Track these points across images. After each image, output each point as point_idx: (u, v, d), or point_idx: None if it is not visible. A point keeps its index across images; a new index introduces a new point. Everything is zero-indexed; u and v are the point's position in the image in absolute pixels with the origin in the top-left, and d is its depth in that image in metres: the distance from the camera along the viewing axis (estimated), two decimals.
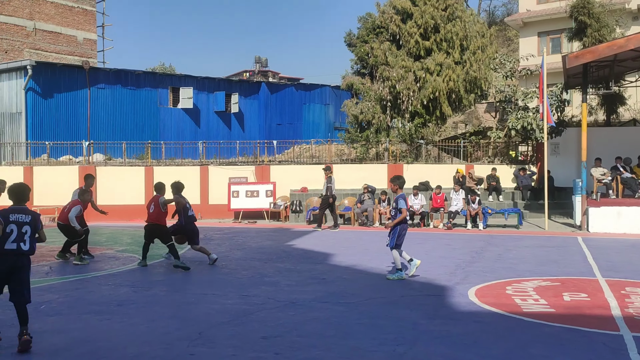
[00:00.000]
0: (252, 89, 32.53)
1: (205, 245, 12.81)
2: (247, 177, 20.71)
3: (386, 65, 22.20)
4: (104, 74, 27.35)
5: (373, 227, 16.90)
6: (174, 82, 29.75)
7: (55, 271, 9.45)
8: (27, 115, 24.50)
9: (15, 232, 5.25)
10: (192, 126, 29.83)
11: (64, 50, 37.11)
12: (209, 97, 30.45)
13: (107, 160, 22.93)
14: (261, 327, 5.86)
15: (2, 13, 35.12)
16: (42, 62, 26.16)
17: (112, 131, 26.63)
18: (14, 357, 4.92)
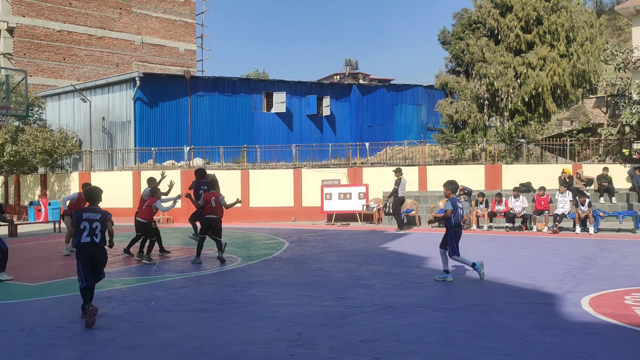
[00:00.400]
0: (343, 91, 32.69)
1: (300, 246, 13.02)
2: (340, 179, 20.79)
3: (483, 62, 21.38)
4: (202, 82, 28.68)
5: (470, 230, 16.31)
6: (268, 87, 30.58)
7: (161, 270, 9.97)
8: (136, 124, 26.25)
9: (88, 228, 6.23)
10: (285, 130, 30.49)
11: (167, 61, 39.46)
12: (301, 100, 30.98)
13: (205, 164, 24.01)
14: (359, 331, 5.78)
15: (114, 30, 38.01)
16: (148, 74, 27.91)
17: (210, 136, 27.86)
18: (129, 350, 5.21)
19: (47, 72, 35.01)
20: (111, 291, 7.99)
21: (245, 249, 12.84)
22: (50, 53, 35.20)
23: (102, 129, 27.75)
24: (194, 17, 41.55)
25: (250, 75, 51.14)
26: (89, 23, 36.69)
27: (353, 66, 49.64)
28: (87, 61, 36.61)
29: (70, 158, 26.47)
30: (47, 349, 5.24)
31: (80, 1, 36.37)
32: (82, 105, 28.60)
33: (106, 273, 9.50)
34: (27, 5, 34.27)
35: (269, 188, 20.96)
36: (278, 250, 12.36)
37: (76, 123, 28.80)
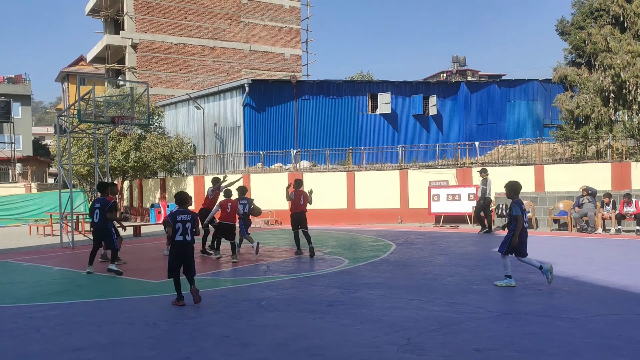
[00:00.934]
0: (451, 89, 31.77)
1: (408, 249, 12.78)
2: (448, 180, 20.19)
3: (607, 52, 19.73)
4: (308, 86, 29.26)
5: (595, 233, 15.08)
6: (372, 88, 30.51)
7: (271, 270, 10.24)
8: (245, 128, 27.38)
9: (181, 228, 7.17)
10: (391, 131, 30.23)
11: (274, 67, 40.78)
12: (406, 101, 30.56)
13: (312, 166, 24.44)
14: (473, 338, 5.51)
15: (225, 40, 40.01)
16: (257, 80, 29.00)
17: (316, 139, 28.33)
18: (243, 347, 5.37)
19: (165, 83, 37.65)
20: (224, 290, 8.33)
21: (352, 250, 12.85)
22: (168, 65, 37.81)
23: (214, 135, 29.27)
24: (299, 23, 42.61)
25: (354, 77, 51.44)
26: (202, 35, 38.93)
27: (461, 63, 48.09)
28: (201, 71, 38.86)
29: (186, 163, 28.23)
30: (169, 342, 5.54)
31: (195, 15, 38.72)
32: (196, 112, 30.38)
33: (219, 273, 9.98)
34: (148, 22, 37.11)
35: (374, 190, 20.87)
36: (385, 253, 12.23)
37: (191, 129, 30.65)
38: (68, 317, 6.76)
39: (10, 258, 12.90)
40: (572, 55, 22.70)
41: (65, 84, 53.39)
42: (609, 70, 19.46)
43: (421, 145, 24.78)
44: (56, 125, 20.26)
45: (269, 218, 21.28)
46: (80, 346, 5.48)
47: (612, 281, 8.26)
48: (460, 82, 33.09)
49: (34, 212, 25.45)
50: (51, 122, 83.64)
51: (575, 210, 15.76)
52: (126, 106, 15.42)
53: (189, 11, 38.54)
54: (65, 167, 16.43)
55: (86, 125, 18.38)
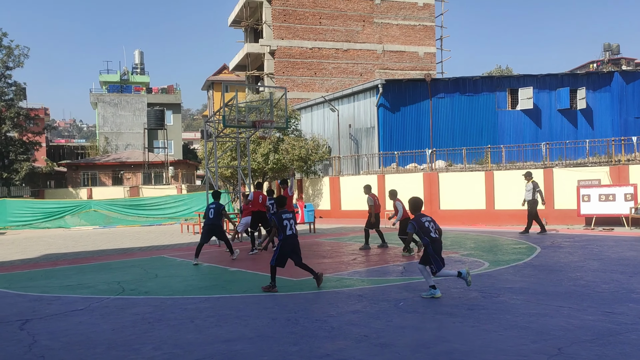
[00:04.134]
0: (602, 80, 29.07)
1: (554, 252, 11.90)
2: (600, 179, 18.47)
3: None
4: (443, 84, 28.57)
5: None
6: (512, 83, 28.96)
7: (408, 271, 10.15)
8: (379, 129, 27.47)
9: (289, 225, 8.44)
10: (532, 127, 28.44)
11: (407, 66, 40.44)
12: (550, 95, 28.55)
13: (448, 166, 23.80)
14: (634, 352, 4.98)
15: (358, 41, 40.55)
16: (390, 80, 28.98)
17: (452, 138, 27.56)
18: (382, 347, 5.39)
19: (301, 87, 39.11)
20: (362, 289, 8.42)
21: (492, 253, 12.29)
22: (304, 69, 39.23)
23: (348, 136, 29.76)
24: (433, 20, 41.79)
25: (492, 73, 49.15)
26: (335, 38, 39.82)
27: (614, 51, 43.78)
28: (335, 73, 39.75)
29: (321, 164, 29.04)
30: (310, 339, 5.74)
31: (329, 19, 39.74)
32: (330, 114, 31.13)
33: (356, 272, 10.11)
34: (285, 29, 38.84)
35: (515, 189, 19.75)
36: (529, 256, 11.52)
37: (326, 131, 31.48)
38: (217, 309, 7.29)
39: (166, 253, 14.24)
40: None
41: (210, 92, 57.83)
42: None
43: (568, 142, 22.97)
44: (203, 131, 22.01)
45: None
46: (229, 337, 5.89)
47: None
48: (613, 72, 30.11)
49: (185, 212, 27.80)
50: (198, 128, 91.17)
51: None
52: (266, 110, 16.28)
53: (323, 15, 39.64)
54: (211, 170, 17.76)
55: (230, 130, 19.72)
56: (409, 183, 21.92)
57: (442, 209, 21.23)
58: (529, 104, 27.83)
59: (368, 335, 5.80)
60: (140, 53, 63.15)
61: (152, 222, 27.60)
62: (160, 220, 28.52)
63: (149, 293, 8.67)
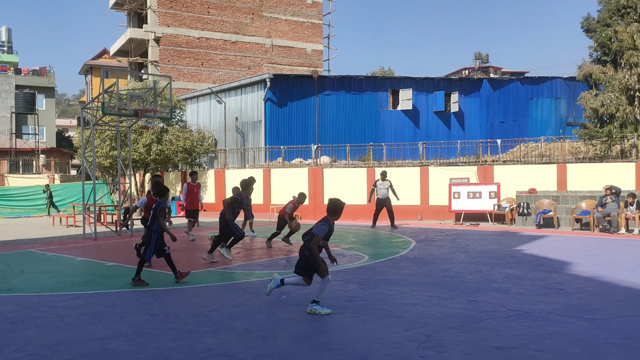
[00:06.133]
0: (473, 86, 31.49)
1: (427, 246, 12.74)
2: (469, 177, 20.03)
3: (634, 50, 19.39)
4: (329, 81, 29.26)
5: (617, 233, 14.85)
6: (394, 84, 30.39)
7: (291, 264, 10.30)
8: (266, 123, 27.50)
9: None
10: (412, 127, 30.09)
11: (295, 62, 40.81)
12: (428, 97, 30.38)
13: (332, 162, 24.45)
14: (494, 337, 5.49)
15: (247, 34, 40.18)
16: (278, 75, 29.10)
17: (337, 134, 28.34)
18: (264, 340, 5.42)
19: (187, 77, 37.97)
20: (245, 283, 8.41)
21: (371, 247, 12.85)
22: (190, 59, 38.11)
23: (235, 129, 29.46)
24: (321, 18, 42.57)
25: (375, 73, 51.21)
26: (224, 29, 39.14)
27: (483, 60, 47.64)
28: (222, 65, 39.09)
29: (207, 156, 28.46)
30: (190, 334, 5.63)
31: (217, 9, 38.93)
32: (217, 106, 30.59)
33: (239, 266, 10.06)
34: (171, 16, 37.43)
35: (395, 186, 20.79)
36: (405, 249, 12.21)
37: (212, 123, 30.89)
38: (91, 307, 6.89)
39: (35, 248, 13.17)
40: (597, 53, 22.30)
41: (88, 77, 54.18)
42: (635, 69, 19.09)
43: (442, 142, 24.62)
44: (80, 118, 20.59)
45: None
46: (104, 335, 5.60)
47: (635, 282, 8.15)
48: (482, 79, 32.78)
49: (57, 203, 25.91)
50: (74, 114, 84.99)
51: (598, 210, 15.53)
52: (149, 99, 15.60)
53: (211, 5, 38.75)
54: (88, 159, 16.69)
55: (109, 118, 18.63)
56: (295, 178, 22.22)
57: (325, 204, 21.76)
58: (409, 105, 29.42)
59: (250, 328, 5.81)
60: (8, 30, 57.44)
61: (20, 214, 25.38)
62: (29, 212, 26.30)
63: (13, 290, 7.97)
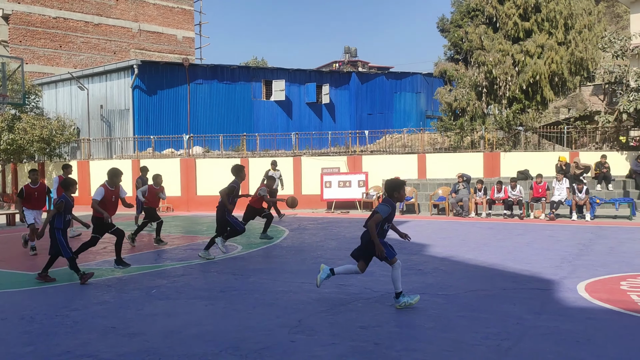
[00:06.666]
0: (343, 79, 32.62)
1: (300, 234, 13.09)
2: (340, 167, 20.81)
3: (482, 50, 21.36)
4: (201, 70, 28.60)
5: (469, 217, 16.39)
6: (267, 75, 30.50)
7: (162, 258, 10.03)
8: (134, 112, 26.20)
9: None
10: (285, 118, 30.47)
11: (165, 49, 39.24)
12: (300, 89, 30.93)
13: (205, 152, 24.01)
14: (359, 317, 5.85)
15: (111, 16, 37.76)
16: (147, 61, 27.82)
17: (210, 124, 27.84)
18: (131, 337, 5.26)
19: (43, 60, 34.84)
20: (111, 279, 8.05)
21: (245, 237, 12.87)
22: (47, 40, 35.00)
23: (100, 117, 27.70)
24: (191, 4, 41.29)
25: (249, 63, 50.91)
26: (85, 10, 36.43)
27: (352, 54, 49.48)
28: (84, 48, 36.42)
29: (68, 147, 26.44)
30: (48, 337, 5.29)
31: None
32: (79, 93, 28.50)
33: (105, 262, 9.59)
34: None
35: None
36: (278, 239, 12.43)
37: (74, 111, 28.73)
38: None
39: None
40: (451, 52, 24.25)
41: None
42: (482, 67, 21.12)
43: (314, 133, 25.26)
44: None
45: (161, 205, 20.62)
46: None
47: (482, 260, 9.10)
48: (351, 72, 34.09)
49: None
50: None
51: (452, 196, 17.02)
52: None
53: None
54: None
55: None
56: (166, 168, 21.48)
57: (199, 195, 21.38)
58: (282, 96, 29.74)
59: (116, 326, 5.60)
60: None
61: None
62: None
63: None
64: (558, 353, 4.66)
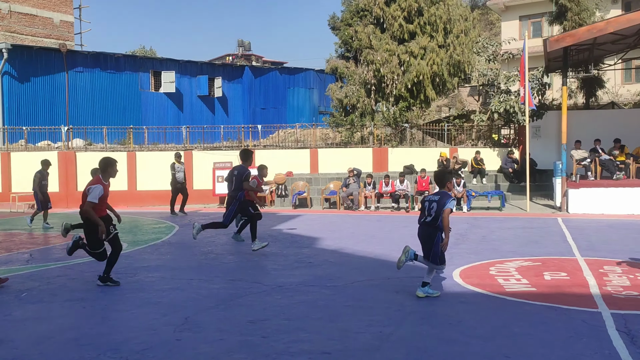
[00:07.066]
0: (236, 72, 32.23)
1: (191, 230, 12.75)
2: (232, 161, 20.56)
3: (370, 49, 22.11)
4: (82, 57, 26.88)
5: (359, 210, 16.96)
6: (156, 65, 29.34)
7: (35, 258, 9.33)
8: (3, 100, 24.03)
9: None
10: (175, 111, 29.53)
11: (40, 32, 36.25)
12: (191, 81, 30.11)
13: (87, 145, 22.61)
14: (248, 311, 5.85)
15: None
16: (18, 45, 25.64)
17: (92, 116, 26.25)
18: None
19: None
20: None
21: (132, 234, 12.34)
22: None
23: None
24: None
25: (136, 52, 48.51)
26: None
27: (246, 47, 48.95)
28: None
29: None
30: None
31: None
32: None
33: None
34: None
35: (157, 170, 20.21)
36: (167, 235, 12.05)
37: None
38: None
39: None
40: (341, 49, 24.80)
41: None
42: (371, 65, 21.90)
43: (206, 127, 24.71)
44: None
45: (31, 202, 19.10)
46: None
47: (369, 251, 9.47)
48: (244, 66, 33.77)
49: None
50: None
51: (342, 190, 17.52)
52: None
53: None
54: None
55: None
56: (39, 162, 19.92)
57: (80, 190, 20.07)
58: (172, 88, 28.75)
59: None
60: None
61: None
62: None
63: None
64: (433, 335, 5.00)
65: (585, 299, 6.14)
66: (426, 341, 4.84)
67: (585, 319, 5.37)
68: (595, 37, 15.01)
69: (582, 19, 20.62)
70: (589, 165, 16.42)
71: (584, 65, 18.53)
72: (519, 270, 7.69)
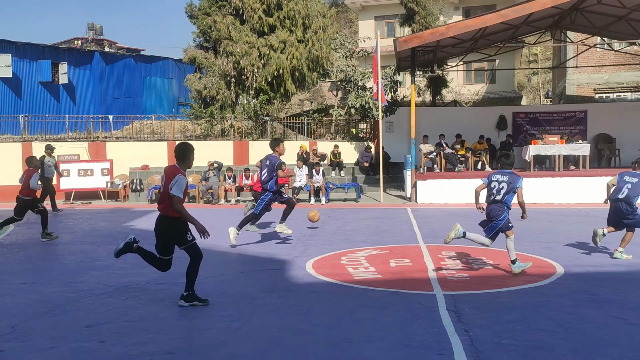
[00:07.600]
0: (84, 58, 29.85)
1: (29, 229, 11.61)
2: (79, 154, 19.09)
3: (230, 40, 21.80)
4: None
5: (219, 204, 16.68)
6: None
7: None
8: None
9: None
10: (13, 97, 26.61)
11: None
12: (32, 65, 27.34)
13: None
14: (87, 315, 5.44)
15: None
16: None
17: None
18: None
19: None
20: None
21: None
22: None
23: None
24: None
25: None
26: None
27: (97, 31, 45.52)
28: None
29: None
30: None
31: None
32: None
33: None
34: None
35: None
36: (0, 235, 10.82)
37: None
38: None
39: None
40: (200, 39, 24.08)
41: None
42: (231, 57, 21.60)
43: (49, 116, 22.59)
44: None
45: None
46: None
47: (225, 246, 9.32)
48: (94, 51, 31.42)
49: None
50: None
51: (202, 184, 17.10)
52: None
53: None
54: None
55: None
56: None
57: None
58: (8, 72, 25.81)
59: None
60: None
61: None
62: None
63: None
64: (282, 326, 5.04)
65: (423, 283, 6.62)
66: (274, 333, 4.86)
67: (421, 301, 5.78)
68: (439, 40, 16.23)
69: (428, 22, 22.21)
70: (434, 158, 17.81)
71: (430, 65, 20.01)
72: (367, 258, 8.07)
